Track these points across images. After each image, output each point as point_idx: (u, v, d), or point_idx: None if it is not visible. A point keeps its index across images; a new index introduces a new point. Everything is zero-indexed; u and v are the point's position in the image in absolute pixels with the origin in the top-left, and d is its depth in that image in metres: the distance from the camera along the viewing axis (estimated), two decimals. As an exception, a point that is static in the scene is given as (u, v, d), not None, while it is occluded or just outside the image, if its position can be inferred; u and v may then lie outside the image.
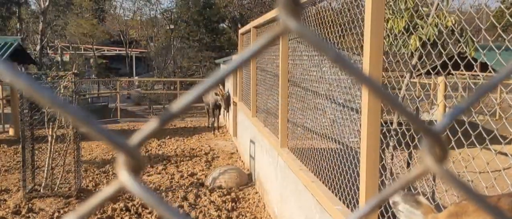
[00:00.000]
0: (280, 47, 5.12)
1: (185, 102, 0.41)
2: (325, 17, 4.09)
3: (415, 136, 2.56)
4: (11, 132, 12.16)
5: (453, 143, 2.33)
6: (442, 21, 4.47)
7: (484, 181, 2.14)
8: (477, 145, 2.13)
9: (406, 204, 1.20)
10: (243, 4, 27.27)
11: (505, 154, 2.42)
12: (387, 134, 3.09)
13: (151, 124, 0.41)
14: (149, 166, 8.66)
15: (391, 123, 4.48)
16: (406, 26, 4.76)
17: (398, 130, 2.91)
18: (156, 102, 21.57)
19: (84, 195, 6.48)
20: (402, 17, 4.86)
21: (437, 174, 0.44)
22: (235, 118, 10.88)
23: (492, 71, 2.88)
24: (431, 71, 3.96)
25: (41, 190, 6.35)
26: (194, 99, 0.41)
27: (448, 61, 2.68)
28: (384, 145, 3.01)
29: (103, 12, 35.57)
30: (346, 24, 3.64)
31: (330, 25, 3.99)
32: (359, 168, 2.88)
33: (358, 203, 3.12)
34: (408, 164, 4.43)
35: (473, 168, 2.30)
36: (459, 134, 2.24)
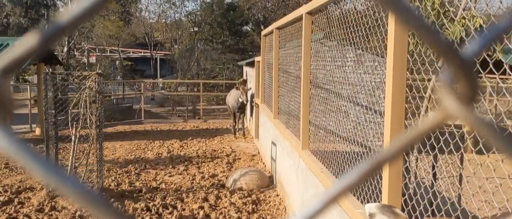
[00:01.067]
0: (303, 49, 5.05)
1: (75, 13, 0.30)
2: (349, 16, 4.02)
3: (440, 138, 2.46)
4: (38, 131, 12.42)
5: (481, 146, 2.23)
6: (470, 21, 4.33)
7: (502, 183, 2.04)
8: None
9: (383, 215, 1.14)
10: (267, 6, 27.26)
11: None
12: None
13: (28, 40, 0.29)
14: (171, 166, 8.69)
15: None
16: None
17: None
18: (179, 103, 21.72)
19: (106, 195, 6.53)
20: (429, 17, 4.74)
21: (461, 118, 0.33)
22: (257, 120, 10.84)
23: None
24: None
25: (65, 189, 6.43)
26: (86, 9, 0.30)
27: (477, 62, 2.58)
28: (408, 148, 2.92)
29: (129, 14, 36.08)
30: (371, 22, 3.56)
31: (355, 25, 3.91)
32: (382, 171, 2.80)
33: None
34: (433, 167, 4.30)
35: (502, 173, 2.20)
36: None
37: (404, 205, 2.70)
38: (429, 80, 4.76)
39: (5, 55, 0.29)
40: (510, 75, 4.36)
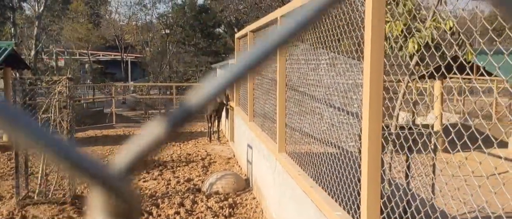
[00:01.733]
0: (278, 52, 5.05)
1: (204, 96, 0.28)
2: (323, 20, 4.05)
3: (418, 140, 2.50)
4: (5, 137, 12.03)
5: (446, 144, 2.27)
6: (441, 24, 4.43)
7: (481, 184, 2.08)
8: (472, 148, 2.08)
9: None
10: (239, 9, 27.27)
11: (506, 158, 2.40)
12: (389, 138, 3.03)
13: (153, 129, 0.25)
14: (144, 171, 8.56)
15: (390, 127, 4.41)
16: (405, 29, 4.72)
17: (401, 133, 2.85)
18: (152, 107, 21.47)
19: (79, 202, 6.38)
20: (400, 20, 4.83)
21: None
22: (231, 122, 10.81)
23: (485, 74, 2.84)
24: (435, 73, 3.91)
25: (35, 197, 6.25)
26: (216, 90, 0.30)
27: (452, 63, 2.64)
28: (387, 150, 2.95)
29: (98, 17, 35.46)
30: (344, 27, 3.60)
31: (328, 29, 3.96)
32: (361, 174, 2.82)
33: (359, 209, 3.06)
34: (408, 168, 4.37)
35: (468, 172, 2.25)
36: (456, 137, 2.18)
37: (383, 207, 2.73)
38: (402, 80, 4.84)
39: (129, 149, 0.24)
40: (484, 75, 4.46)
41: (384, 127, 3.00)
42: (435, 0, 4.32)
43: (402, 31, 4.67)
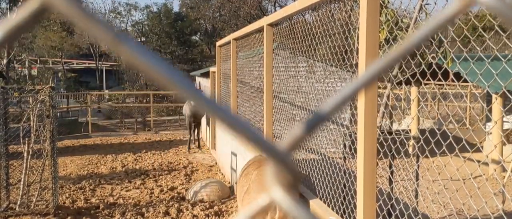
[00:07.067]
0: (265, 60, 5.12)
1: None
2: (297, 29, 4.16)
3: (404, 145, 2.59)
4: None
5: (415, 147, 2.37)
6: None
7: (458, 189, 2.17)
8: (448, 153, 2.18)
9: None
10: (216, 17, 27.29)
11: (482, 162, 2.53)
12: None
13: (294, 131, 0.35)
14: (127, 181, 8.47)
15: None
16: (387, 38, 4.87)
17: (387, 138, 2.94)
18: (128, 115, 21.22)
19: (62, 213, 6.27)
20: (383, 29, 4.97)
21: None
22: (213, 130, 10.80)
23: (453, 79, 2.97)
24: (411, 80, 4.04)
25: (17, 208, 6.11)
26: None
27: (426, 70, 2.76)
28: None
29: (72, 24, 34.85)
30: (320, 33, 3.70)
31: (302, 37, 4.08)
32: (356, 178, 2.89)
33: (352, 212, 3.13)
34: (391, 173, 4.48)
35: (445, 175, 2.35)
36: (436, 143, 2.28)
37: (378, 210, 2.80)
38: (384, 88, 4.97)
39: (288, 136, 0.33)
40: (454, 81, 4.62)
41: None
42: (416, 8, 4.47)
43: (385, 38, 4.81)
